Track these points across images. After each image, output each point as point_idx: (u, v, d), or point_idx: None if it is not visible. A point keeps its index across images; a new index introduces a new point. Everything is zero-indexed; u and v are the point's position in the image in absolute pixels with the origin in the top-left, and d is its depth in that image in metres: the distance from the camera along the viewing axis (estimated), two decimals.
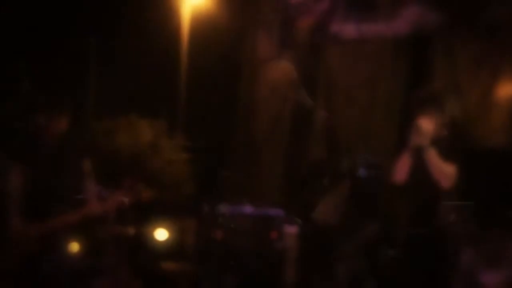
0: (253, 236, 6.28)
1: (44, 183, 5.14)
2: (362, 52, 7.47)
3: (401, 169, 5.40)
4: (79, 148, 6.44)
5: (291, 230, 5.14)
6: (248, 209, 6.45)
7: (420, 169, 5.33)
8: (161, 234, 6.69)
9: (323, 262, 5.09)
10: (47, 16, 7.69)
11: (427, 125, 5.31)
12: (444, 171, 5.25)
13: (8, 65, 5.34)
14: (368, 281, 5.93)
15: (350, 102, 4.92)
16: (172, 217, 6.88)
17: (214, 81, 8.54)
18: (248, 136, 8.14)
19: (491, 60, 6.95)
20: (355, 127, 6.48)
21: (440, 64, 7.14)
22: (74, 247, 5.24)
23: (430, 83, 6.87)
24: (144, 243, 6.59)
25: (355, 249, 5.97)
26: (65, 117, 5.83)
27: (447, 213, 5.45)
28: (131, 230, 6.46)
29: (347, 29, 7.30)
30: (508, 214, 6.04)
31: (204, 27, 8.33)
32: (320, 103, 5.35)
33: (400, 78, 7.25)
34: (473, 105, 6.89)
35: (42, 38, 7.48)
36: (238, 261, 6.17)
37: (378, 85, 7.28)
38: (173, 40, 8.35)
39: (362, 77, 7.40)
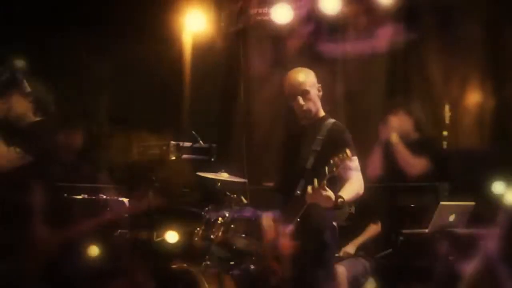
0: (252, 236, 6.20)
1: (64, 194, 5.70)
2: (344, 68, 8.17)
3: (373, 163, 6.08)
4: (97, 161, 7.01)
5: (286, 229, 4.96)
6: (247, 212, 6.42)
7: (390, 161, 5.98)
8: (171, 237, 7.00)
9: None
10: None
11: (395, 122, 6.11)
12: (411, 161, 5.97)
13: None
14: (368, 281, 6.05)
15: (335, 114, 5.38)
16: (180, 221, 7.13)
17: (214, 98, 8.95)
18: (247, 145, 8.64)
19: (459, 71, 7.56)
20: None
21: (414, 76, 7.77)
22: (94, 250, 5.80)
23: (404, 93, 7.55)
24: (156, 246, 6.90)
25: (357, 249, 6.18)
26: (80, 134, 6.39)
27: (447, 213, 5.84)
28: (144, 234, 6.89)
29: (331, 48, 7.90)
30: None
31: (203, 50, 8.67)
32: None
33: (379, 89, 7.89)
34: (444, 112, 7.45)
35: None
36: (239, 261, 6.20)
37: (360, 97, 7.94)
38: (176, 63, 8.66)
39: (345, 90, 8.07)
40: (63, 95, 6.36)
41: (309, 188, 4.50)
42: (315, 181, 4.44)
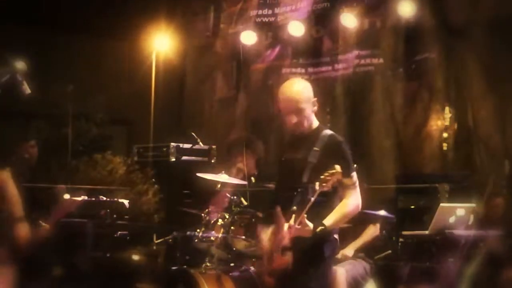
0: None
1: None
2: None
3: None
4: None
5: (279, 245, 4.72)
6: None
7: None
8: (135, 258, 7.03)
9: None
10: None
11: None
12: None
13: None
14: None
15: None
16: (146, 242, 7.26)
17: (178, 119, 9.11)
18: None
19: (421, 98, 7.71)
20: None
21: (379, 101, 7.93)
22: None
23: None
24: (122, 266, 6.89)
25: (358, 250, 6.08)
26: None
27: (447, 215, 5.77)
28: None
29: (296, 72, 8.06)
30: None
31: (169, 70, 8.86)
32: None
33: (344, 112, 8.10)
34: (408, 137, 7.64)
35: None
36: (239, 262, 6.14)
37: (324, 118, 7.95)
38: (143, 84, 8.81)
39: None
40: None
41: (286, 226, 4.46)
42: (292, 218, 4.43)
